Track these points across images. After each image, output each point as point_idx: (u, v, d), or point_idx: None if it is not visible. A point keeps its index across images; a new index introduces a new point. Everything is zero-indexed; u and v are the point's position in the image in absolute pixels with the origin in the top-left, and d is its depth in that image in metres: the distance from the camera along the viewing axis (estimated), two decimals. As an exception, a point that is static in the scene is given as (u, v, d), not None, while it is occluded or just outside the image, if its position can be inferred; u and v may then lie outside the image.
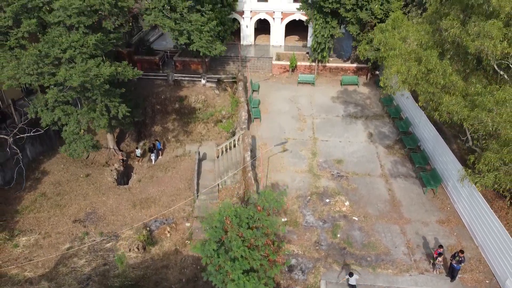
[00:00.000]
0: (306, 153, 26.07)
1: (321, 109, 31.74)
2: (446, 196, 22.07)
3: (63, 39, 18.74)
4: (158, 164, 30.50)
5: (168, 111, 34.97)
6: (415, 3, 28.90)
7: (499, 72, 16.68)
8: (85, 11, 19.65)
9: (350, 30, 31.74)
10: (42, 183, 27.27)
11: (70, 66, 18.44)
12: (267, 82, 36.78)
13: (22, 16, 18.55)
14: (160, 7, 21.57)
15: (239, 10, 41.07)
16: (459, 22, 16.81)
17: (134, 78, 21.49)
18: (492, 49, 14.24)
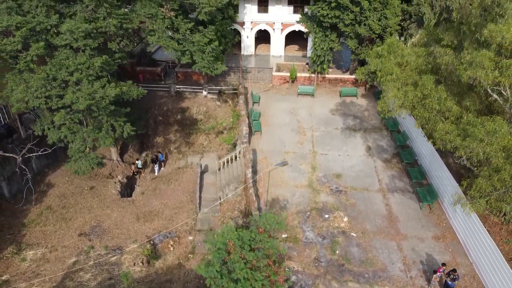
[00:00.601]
0: (306, 167, 26.69)
1: (321, 121, 32.35)
2: (442, 211, 22.70)
3: (70, 61, 19.36)
4: (161, 176, 31.11)
5: (170, 122, 35.58)
6: (413, 19, 29.51)
7: (492, 95, 17.31)
8: (91, 33, 20.29)
9: (349, 44, 32.37)
10: (48, 196, 27.89)
11: (76, 88, 19.05)
12: (268, 93, 37.38)
13: (31, 39, 19.16)
14: (163, 28, 22.14)
15: (240, 21, 41.62)
16: (452, 49, 17.46)
17: (138, 97, 22.09)
18: (484, 78, 14.88)
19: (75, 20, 20.63)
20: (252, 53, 44.06)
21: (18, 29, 19.10)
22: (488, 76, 14.79)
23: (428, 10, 27.04)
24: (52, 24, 19.92)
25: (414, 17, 29.38)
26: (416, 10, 29.49)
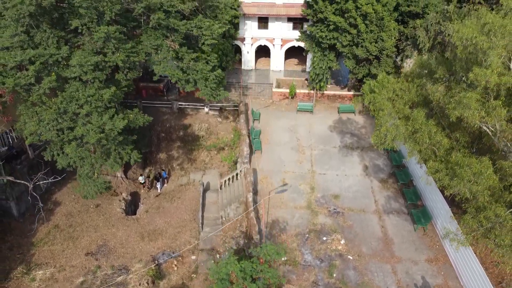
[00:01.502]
0: (305, 188, 27.62)
1: (319, 139, 33.28)
2: (435, 233, 23.64)
3: (80, 93, 20.28)
4: (164, 193, 32.04)
5: (172, 139, 36.51)
6: (409, 42, 30.44)
7: (482, 127, 18.24)
8: (100, 65, 21.22)
9: (347, 65, 33.30)
10: (55, 215, 28.80)
11: (86, 120, 19.98)
12: (268, 109, 38.30)
13: (43, 73, 20.08)
14: (168, 58, 23.07)
15: (240, 37, 42.51)
16: (444, 82, 18.42)
17: (144, 124, 23.04)
18: (471, 118, 15.82)
19: (83, 50, 21.58)
20: (252, 67, 44.95)
21: (31, 63, 20.04)
22: (475, 116, 15.73)
23: (423, 34, 27.99)
24: (63, 56, 20.83)
25: (410, 40, 30.30)
26: (412, 32, 30.43)
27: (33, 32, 21.46)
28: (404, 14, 32.20)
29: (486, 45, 15.62)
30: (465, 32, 15.97)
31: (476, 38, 15.72)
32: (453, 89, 17.61)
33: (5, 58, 19.62)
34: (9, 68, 19.67)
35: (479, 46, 15.76)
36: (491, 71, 15.78)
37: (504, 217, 14.58)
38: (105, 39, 20.23)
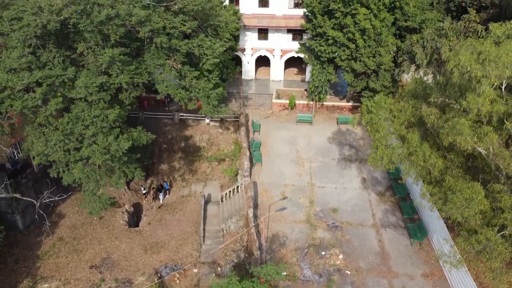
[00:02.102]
0: (304, 201, 28.23)
1: (318, 151, 33.87)
2: (431, 247, 24.26)
3: (85, 114, 20.88)
4: (166, 204, 32.65)
5: (174, 150, 37.11)
6: (406, 58, 31.05)
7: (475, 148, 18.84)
8: (105, 85, 21.84)
9: (346, 78, 33.90)
10: (59, 227, 29.40)
11: (92, 140, 20.58)
12: (268, 120, 38.89)
13: (50, 95, 20.68)
14: (171, 78, 23.67)
15: (241, 47, 43.10)
16: (438, 108, 19.06)
17: (148, 142, 23.66)
18: (464, 144, 16.44)
19: (88, 69, 22.19)
20: (252, 77, 45.54)
21: (38, 85, 20.64)
22: (468, 141, 16.34)
23: (419, 51, 28.59)
24: (69, 77, 21.44)
25: (406, 55, 30.93)
26: (409, 48, 31.04)
27: (39, 52, 22.09)
28: (401, 29, 32.84)
29: (480, 73, 16.23)
30: (461, 59, 16.57)
31: (471, 65, 16.32)
32: (447, 113, 18.23)
33: (13, 80, 20.22)
34: (16, 90, 20.26)
35: (473, 74, 16.37)
36: (483, 99, 16.39)
37: (495, 241, 15.19)
38: (110, 62, 20.83)
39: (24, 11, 20.71)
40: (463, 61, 16.52)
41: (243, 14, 40.62)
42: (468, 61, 16.49)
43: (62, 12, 19.65)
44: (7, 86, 20.16)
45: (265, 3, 41.23)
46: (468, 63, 16.43)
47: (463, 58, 16.57)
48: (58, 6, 19.60)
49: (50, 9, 19.48)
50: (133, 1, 22.79)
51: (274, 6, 41.07)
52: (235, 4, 41.16)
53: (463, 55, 16.69)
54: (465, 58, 16.58)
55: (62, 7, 19.68)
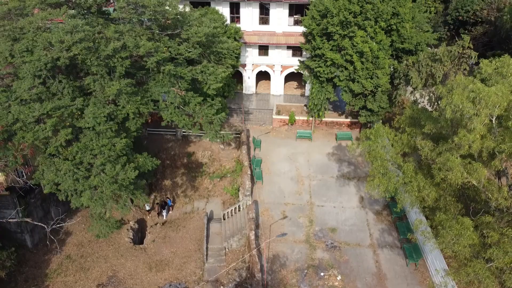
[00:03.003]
0: (304, 221, 29.17)
1: (318, 168, 34.80)
2: (426, 268, 25.19)
3: (94, 143, 21.82)
4: (170, 221, 33.58)
5: (177, 166, 38.06)
6: (402, 80, 31.98)
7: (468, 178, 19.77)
8: (112, 114, 22.79)
9: (344, 98, 34.82)
10: (66, 245, 30.35)
11: (100, 168, 21.52)
12: (268, 136, 39.79)
13: (59, 125, 21.62)
14: (176, 104, 24.60)
15: (242, 63, 44.03)
16: (432, 139, 20.02)
17: (152, 168, 24.59)
18: (455, 180, 17.38)
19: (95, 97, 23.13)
20: (253, 92, 46.49)
21: (48, 116, 21.58)
22: (458, 178, 17.29)
23: (415, 75, 29.53)
24: (78, 107, 22.39)
25: (403, 77, 31.86)
26: (405, 70, 31.97)
27: (49, 82, 23.02)
28: (398, 50, 33.77)
29: (472, 112, 17.16)
30: (453, 98, 17.51)
31: (463, 104, 17.25)
32: (440, 146, 19.16)
33: (24, 112, 21.16)
34: (28, 122, 21.18)
35: (465, 112, 17.29)
36: (474, 135, 17.33)
37: (482, 274, 16.12)
38: (117, 94, 21.77)
39: (35, 46, 21.63)
40: (455, 100, 17.45)
41: (244, 31, 41.57)
42: (460, 99, 17.42)
43: (72, 49, 20.58)
44: (19, 118, 21.08)
45: (266, 20, 42.24)
46: (460, 102, 17.36)
47: (455, 97, 17.50)
48: (68, 42, 20.51)
49: (61, 47, 20.39)
50: (139, 32, 23.69)
51: (274, 23, 42.06)
52: (236, 22, 42.21)
53: (455, 94, 17.62)
54: (457, 97, 17.51)
55: (72, 43, 20.58)
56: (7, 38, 22.75)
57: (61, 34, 20.95)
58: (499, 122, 18.44)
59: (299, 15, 41.84)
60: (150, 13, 23.16)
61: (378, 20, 32.18)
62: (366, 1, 32.40)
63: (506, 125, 17.73)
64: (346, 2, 32.62)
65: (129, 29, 23.36)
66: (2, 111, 21.57)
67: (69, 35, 21.02)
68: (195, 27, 25.04)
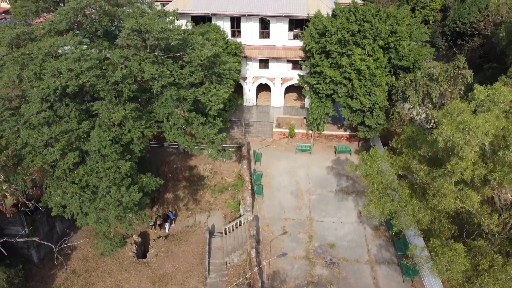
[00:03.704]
0: (303, 236, 29.88)
1: (317, 183, 35.52)
2: (423, 285, 25.89)
3: (99, 166, 22.54)
4: (172, 234, 34.29)
5: (179, 179, 38.77)
6: (399, 98, 32.73)
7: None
8: (117, 137, 23.52)
9: (343, 114, 35.56)
10: (72, 259, 31.05)
11: (105, 191, 22.25)
12: (269, 149, 40.52)
13: (67, 149, 22.35)
14: (179, 125, 25.34)
15: (242, 76, 44.79)
16: (427, 164, 20.78)
17: (156, 188, 25.32)
18: (448, 207, 18.12)
19: (101, 119, 23.86)
20: (253, 104, 47.25)
21: (56, 140, 22.31)
22: (452, 204, 18.03)
23: (412, 94, 30.27)
24: (85, 131, 23.12)
25: (400, 94, 32.60)
26: (402, 87, 32.71)
27: (56, 106, 23.75)
28: (396, 67, 34.52)
29: (462, 142, 17.90)
30: (444, 129, 18.26)
31: (453, 135, 17.99)
32: (435, 170, 19.89)
33: (33, 137, 21.89)
34: (36, 146, 21.91)
35: (456, 142, 18.04)
36: (466, 163, 18.06)
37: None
38: (123, 119, 22.51)
39: (43, 73, 22.36)
40: (446, 130, 18.21)
41: (244, 45, 42.33)
42: (450, 130, 18.17)
43: (81, 77, 21.32)
44: (28, 142, 21.81)
45: (266, 34, 43.02)
46: (450, 132, 18.11)
47: (446, 128, 18.26)
48: (77, 71, 21.25)
49: (69, 75, 21.14)
50: (143, 56, 24.42)
51: (274, 37, 42.85)
52: (237, 35, 43.01)
53: (446, 125, 18.38)
54: (447, 127, 18.27)
55: (80, 72, 21.32)
56: (16, 63, 23.47)
57: (70, 62, 21.68)
58: (490, 149, 19.17)
59: (298, 29, 42.65)
60: (153, 38, 23.87)
61: (376, 38, 32.97)
62: (364, 20, 33.22)
63: (496, 153, 18.47)
64: (344, 21, 33.44)
65: (134, 53, 24.10)
66: (12, 135, 22.32)
67: (77, 63, 21.75)
68: (198, 50, 25.78)
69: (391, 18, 33.69)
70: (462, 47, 54.58)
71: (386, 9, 34.40)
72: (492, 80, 40.47)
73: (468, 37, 53.92)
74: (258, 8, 40.63)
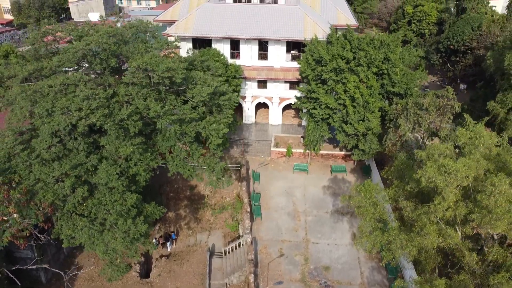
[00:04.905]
0: (300, 259, 31.34)
1: (313, 204, 36.97)
2: (412, 307, 27.36)
3: (106, 199, 23.98)
4: (174, 254, 35.71)
5: (180, 198, 40.23)
6: (391, 125, 34.18)
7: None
8: (123, 171, 24.95)
9: (338, 138, 37.01)
10: (78, 279, 32.43)
11: (113, 222, 23.68)
12: (267, 168, 41.96)
13: (76, 184, 23.78)
14: (181, 157, 26.77)
15: (242, 95, 46.19)
16: (414, 198, 22.26)
17: (159, 216, 26.76)
18: (431, 245, 19.59)
19: (107, 150, 25.28)
20: (252, 121, 48.65)
21: (66, 175, 23.73)
22: (434, 242, 19.49)
23: (403, 122, 31.72)
24: (93, 164, 24.55)
25: (392, 121, 34.05)
26: (394, 114, 34.15)
27: (65, 140, 25.17)
28: (389, 92, 35.97)
29: (443, 184, 19.35)
30: (427, 171, 19.73)
31: (435, 177, 19.45)
32: (419, 209, 21.38)
33: (45, 173, 23.31)
34: (48, 181, 23.33)
35: (438, 184, 19.49)
36: (447, 204, 19.53)
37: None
38: (130, 154, 23.94)
39: (54, 111, 23.76)
40: (429, 172, 19.68)
41: (244, 66, 43.76)
42: (433, 172, 19.64)
43: (90, 116, 22.74)
44: (40, 179, 23.24)
45: (264, 56, 44.47)
46: (432, 174, 19.58)
47: (429, 170, 19.74)
48: (86, 111, 22.66)
49: (79, 115, 22.56)
50: (148, 93, 25.83)
51: (272, 59, 44.31)
52: (236, 56, 44.45)
53: (429, 167, 19.86)
54: (430, 169, 19.74)
55: (89, 111, 22.74)
56: (28, 100, 24.86)
57: (79, 100, 23.09)
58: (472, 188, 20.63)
59: (296, 50, 44.06)
60: (158, 77, 25.27)
61: (370, 65, 34.41)
62: (359, 48, 34.67)
63: (475, 196, 19.93)
64: (339, 49, 34.89)
65: (138, 91, 25.51)
66: (24, 170, 23.72)
67: (86, 101, 23.17)
68: (199, 86, 27.19)
69: (385, 46, 35.15)
70: (456, 64, 56.06)
71: (380, 37, 35.85)
72: (484, 99, 42.07)
73: (462, 54, 55.35)
74: (257, 32, 42.05)
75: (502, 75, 36.23)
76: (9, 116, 26.73)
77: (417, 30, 69.43)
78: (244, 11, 44.05)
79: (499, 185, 18.34)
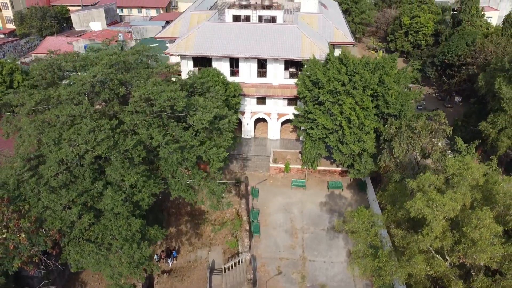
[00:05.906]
0: (297, 277, 32.50)
1: (310, 220, 38.12)
2: (404, 326, 28.54)
3: (112, 224, 25.11)
4: (175, 270, 36.86)
5: (181, 213, 41.37)
6: (386, 146, 35.33)
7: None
8: (128, 196, 26.09)
9: (334, 156, 38.16)
10: (83, 296, 33.68)
11: (119, 247, 24.81)
12: (265, 184, 43.10)
13: (83, 210, 24.91)
14: (183, 181, 27.91)
15: (241, 111, 47.34)
16: (406, 224, 23.43)
17: (161, 239, 27.88)
18: (419, 273, 20.75)
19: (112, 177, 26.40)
20: (251, 136, 49.77)
21: (73, 202, 24.86)
22: (422, 271, 20.67)
23: (397, 145, 32.86)
24: (99, 190, 25.68)
25: (386, 143, 35.20)
26: (389, 136, 35.30)
27: (72, 167, 26.30)
28: (383, 114, 37.12)
29: (431, 216, 20.52)
30: (416, 203, 20.90)
31: (423, 210, 20.61)
32: (409, 237, 22.55)
33: (53, 201, 24.44)
34: (56, 209, 24.47)
35: (425, 216, 20.66)
36: (434, 234, 20.70)
37: None
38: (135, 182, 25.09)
39: (61, 141, 24.88)
40: (418, 204, 20.87)
41: (243, 83, 44.92)
42: (421, 204, 20.82)
43: (96, 149, 23.87)
44: (49, 206, 24.37)
45: (263, 73, 45.60)
46: (421, 206, 20.76)
47: (417, 202, 20.93)
48: (92, 143, 23.79)
49: (86, 147, 23.69)
50: (150, 121, 26.95)
51: (271, 76, 45.44)
52: (236, 73, 45.59)
53: (417, 199, 21.04)
54: (419, 201, 20.93)
55: (95, 144, 23.87)
56: (35, 129, 25.98)
57: (85, 133, 24.22)
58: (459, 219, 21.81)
59: (294, 68, 45.19)
60: (160, 105, 26.39)
61: (365, 88, 35.55)
62: (355, 72, 35.80)
63: (464, 224, 21.08)
64: (335, 72, 36.03)
65: (142, 120, 26.63)
66: (33, 198, 24.85)
67: (92, 133, 24.29)
68: (200, 113, 28.31)
69: (380, 68, 36.27)
70: (451, 78, 57.25)
71: (375, 60, 36.96)
72: (478, 116, 43.25)
73: (457, 69, 56.53)
74: (255, 52, 43.17)
75: (493, 96, 37.37)
76: (17, 142, 27.84)
77: (414, 41, 70.63)
78: (243, 30, 45.17)
79: (484, 219, 19.50)
